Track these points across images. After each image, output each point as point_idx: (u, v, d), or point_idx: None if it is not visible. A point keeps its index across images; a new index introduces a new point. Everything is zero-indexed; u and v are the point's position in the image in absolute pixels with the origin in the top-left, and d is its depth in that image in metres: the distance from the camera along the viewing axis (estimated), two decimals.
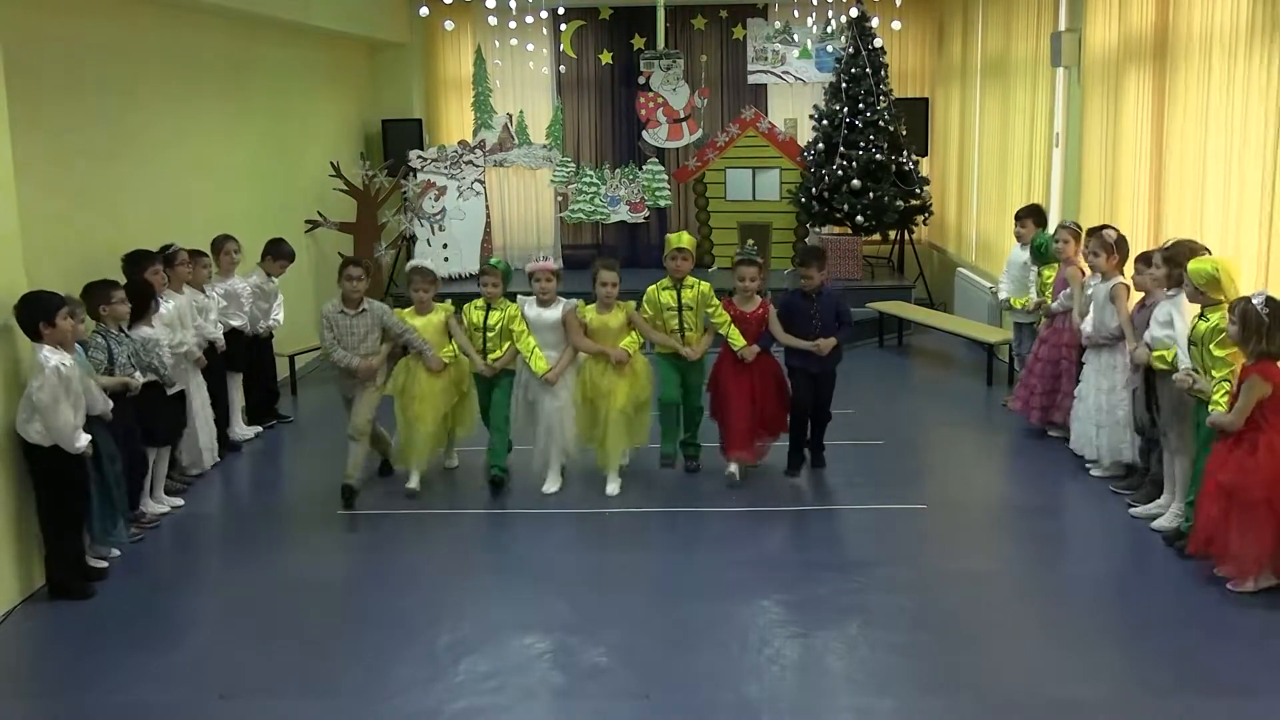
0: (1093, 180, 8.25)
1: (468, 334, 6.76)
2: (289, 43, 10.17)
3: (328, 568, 5.87)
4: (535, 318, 6.69)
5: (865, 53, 11.45)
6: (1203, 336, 5.38)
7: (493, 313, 6.73)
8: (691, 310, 6.70)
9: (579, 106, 13.72)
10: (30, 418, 5.22)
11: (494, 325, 6.70)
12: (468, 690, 4.46)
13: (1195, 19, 6.62)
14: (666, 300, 6.70)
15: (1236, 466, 5.05)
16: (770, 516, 6.34)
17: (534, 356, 6.60)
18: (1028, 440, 7.60)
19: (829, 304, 6.66)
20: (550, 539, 6.13)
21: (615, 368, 6.60)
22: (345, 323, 6.69)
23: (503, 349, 6.71)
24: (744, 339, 6.63)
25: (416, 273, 6.88)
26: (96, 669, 4.70)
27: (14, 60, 5.64)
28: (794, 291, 6.78)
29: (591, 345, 6.65)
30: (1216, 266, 5.40)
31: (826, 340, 6.58)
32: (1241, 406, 5.02)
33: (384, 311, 6.79)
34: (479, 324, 6.72)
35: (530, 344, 6.64)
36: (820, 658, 4.70)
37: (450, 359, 6.77)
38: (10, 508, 5.32)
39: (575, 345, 6.68)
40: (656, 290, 6.76)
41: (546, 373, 6.59)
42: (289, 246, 8.33)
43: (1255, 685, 4.39)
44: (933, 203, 12.02)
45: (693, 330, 6.73)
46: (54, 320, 5.26)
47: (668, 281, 6.73)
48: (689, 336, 6.74)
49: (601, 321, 6.67)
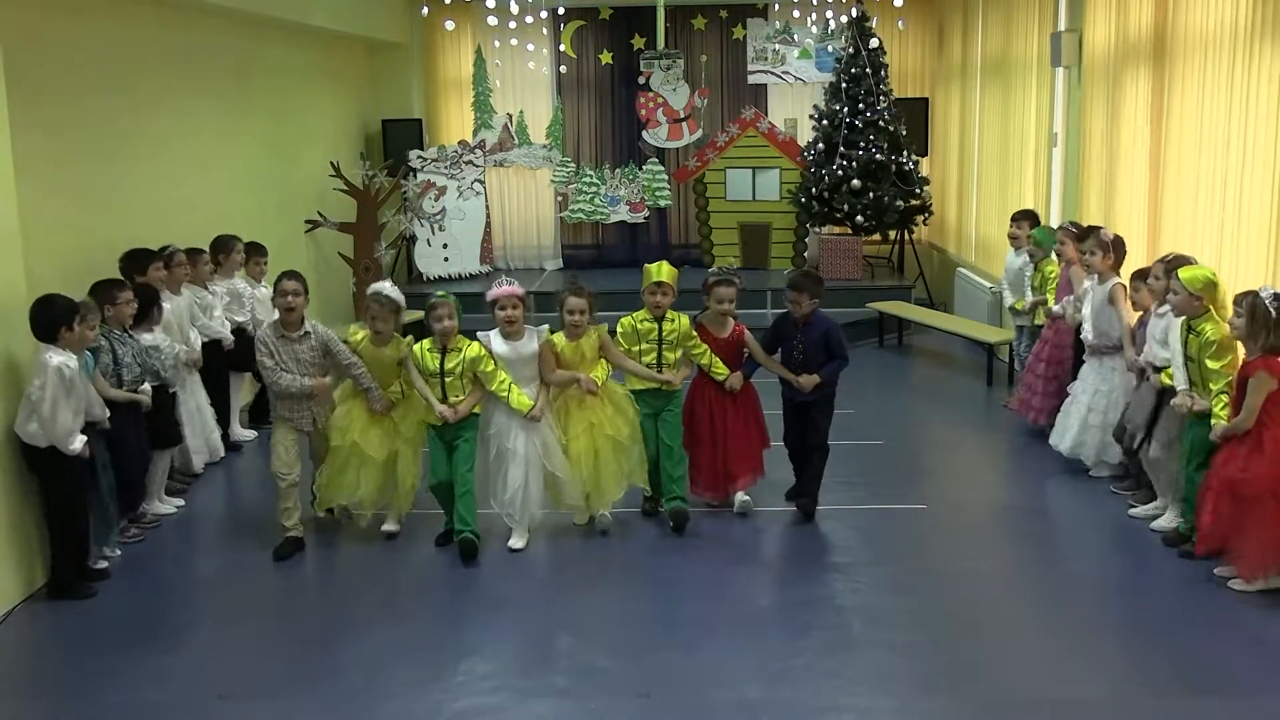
0: (1092, 180, 8.26)
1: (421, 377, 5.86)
2: (289, 43, 10.17)
3: (328, 568, 5.87)
4: (510, 353, 5.83)
5: (865, 53, 11.45)
6: (1197, 351, 5.37)
7: (450, 354, 5.77)
8: (671, 345, 6.08)
9: (579, 106, 13.72)
10: (29, 418, 5.22)
11: (452, 369, 5.75)
12: (468, 690, 4.46)
13: (1195, 19, 6.63)
14: (646, 330, 6.06)
15: (1242, 464, 5.04)
16: (770, 516, 6.34)
17: (513, 393, 5.77)
18: (1028, 440, 7.61)
19: (816, 335, 6.08)
20: (550, 539, 6.12)
21: (589, 397, 5.91)
22: (286, 348, 5.85)
23: (465, 394, 5.82)
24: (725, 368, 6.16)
25: (377, 300, 5.87)
26: (96, 669, 4.70)
27: (14, 60, 5.64)
28: (784, 314, 6.27)
29: (563, 376, 5.90)
30: (1212, 271, 5.40)
31: (808, 377, 6.05)
32: (1251, 405, 5.01)
33: (329, 337, 5.95)
34: (434, 369, 5.76)
35: (506, 381, 5.79)
36: (820, 658, 4.69)
37: (396, 398, 6.01)
38: (11, 508, 5.32)
39: (545, 380, 5.90)
40: (634, 321, 6.13)
41: (530, 409, 5.79)
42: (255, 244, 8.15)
43: (1255, 685, 4.39)
44: (933, 203, 12.02)
45: (671, 367, 6.11)
46: (73, 325, 5.28)
47: (646, 315, 6.10)
48: (666, 373, 6.10)
49: (574, 348, 5.92)
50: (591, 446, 5.94)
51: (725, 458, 6.19)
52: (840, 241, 11.92)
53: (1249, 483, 5.00)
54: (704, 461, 6.23)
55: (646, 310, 6.10)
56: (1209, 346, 5.29)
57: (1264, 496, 4.98)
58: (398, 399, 6.01)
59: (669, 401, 6.13)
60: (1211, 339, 5.28)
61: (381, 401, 5.94)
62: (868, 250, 12.27)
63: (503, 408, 5.84)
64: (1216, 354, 5.28)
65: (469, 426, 5.84)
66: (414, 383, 5.89)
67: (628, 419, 6.00)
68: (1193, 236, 6.60)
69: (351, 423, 5.98)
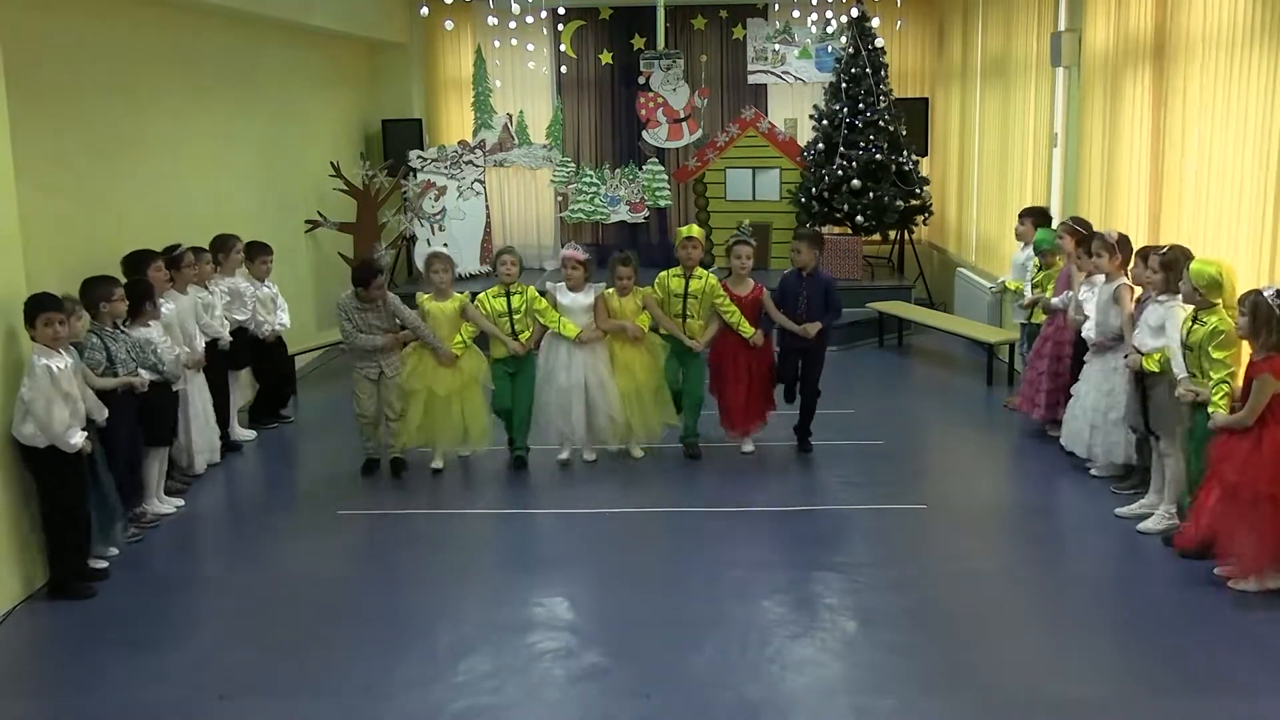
0: (1092, 180, 8.25)
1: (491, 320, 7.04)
2: (289, 43, 10.18)
3: (328, 568, 5.87)
4: (570, 303, 7.11)
5: (865, 53, 11.45)
6: (1200, 341, 5.37)
7: (514, 297, 7.04)
8: (696, 299, 7.10)
9: (579, 106, 13.72)
10: (23, 419, 5.22)
11: (518, 308, 7.04)
12: (468, 690, 4.47)
13: (1194, 19, 6.62)
14: (674, 287, 7.13)
15: (1241, 464, 5.04)
16: (770, 516, 6.34)
17: (563, 325, 7.04)
18: (1028, 440, 7.61)
19: (819, 287, 7.15)
20: (550, 539, 6.13)
21: (633, 343, 7.11)
22: (361, 314, 6.93)
23: (530, 330, 7.07)
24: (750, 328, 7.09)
25: (435, 257, 7.21)
26: (96, 669, 4.71)
27: (14, 60, 5.64)
28: (791, 271, 7.28)
29: (614, 323, 7.11)
30: (1220, 269, 5.39)
31: (812, 325, 7.10)
32: (1254, 404, 5.00)
33: (396, 304, 7.00)
34: (502, 310, 7.03)
35: (556, 316, 7.07)
36: (820, 658, 4.70)
37: (460, 351, 6.98)
38: (11, 508, 5.32)
39: (599, 325, 7.10)
40: (667, 276, 7.22)
41: (578, 334, 7.02)
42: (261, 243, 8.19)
43: (1255, 685, 4.39)
44: (933, 203, 12.02)
45: (695, 318, 7.13)
46: (34, 323, 5.27)
47: (678, 270, 7.17)
48: (690, 324, 7.14)
49: (620, 305, 7.15)
50: (631, 386, 7.14)
51: (749, 400, 7.27)
52: (840, 241, 11.91)
53: (1247, 483, 5.00)
54: (731, 403, 7.28)
55: (679, 266, 7.16)
56: (1215, 335, 5.29)
57: (1261, 498, 4.98)
58: (460, 351, 6.98)
59: (694, 354, 7.18)
60: (1220, 328, 5.28)
61: (446, 354, 6.91)
62: (868, 250, 12.27)
63: (564, 350, 7.09)
64: (1222, 344, 5.28)
65: (528, 362, 7.12)
66: (482, 326, 7.04)
67: (659, 368, 7.19)
68: (1192, 236, 6.60)
69: (423, 372, 6.98)
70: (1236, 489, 5.03)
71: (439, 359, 6.94)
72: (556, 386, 7.10)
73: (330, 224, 10.69)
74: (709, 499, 6.61)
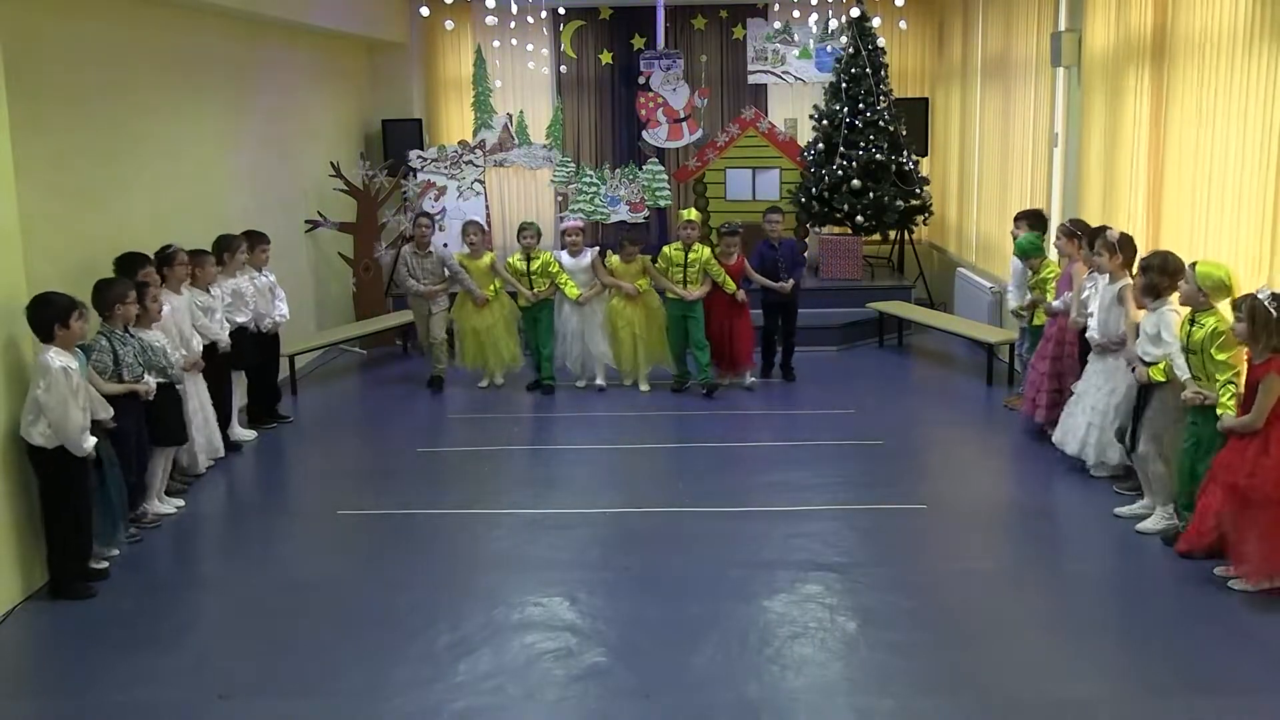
0: (1092, 180, 8.25)
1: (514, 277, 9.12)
2: (289, 43, 10.18)
3: (328, 568, 5.87)
4: (572, 265, 9.13)
5: (865, 53, 11.45)
6: (1201, 343, 5.37)
7: (532, 260, 9.05)
8: (694, 268, 8.94)
9: (579, 106, 13.72)
10: (36, 420, 5.21)
11: (535, 270, 9.06)
12: (468, 690, 4.47)
13: (1195, 19, 6.62)
14: (676, 258, 8.96)
15: (1249, 468, 5.02)
16: (770, 516, 6.34)
17: (567, 285, 9.05)
18: (1028, 440, 7.61)
19: (788, 251, 9.40)
20: (550, 539, 6.13)
21: (630, 299, 9.01)
22: (417, 262, 9.34)
23: (544, 285, 9.07)
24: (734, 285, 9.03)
25: (470, 224, 9.45)
26: (96, 669, 4.71)
27: (14, 60, 5.64)
28: (763, 242, 9.37)
29: (612, 280, 9.08)
30: (1227, 273, 5.38)
31: (788, 282, 9.24)
32: (1261, 406, 5.00)
33: (445, 256, 9.37)
34: (523, 270, 9.08)
35: (564, 277, 9.07)
36: (820, 658, 4.70)
37: (492, 295, 9.17)
38: (12, 508, 5.32)
39: (601, 281, 9.09)
40: (670, 249, 9.07)
41: (579, 296, 9.01)
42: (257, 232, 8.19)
43: (1255, 685, 4.38)
44: (933, 203, 12.00)
45: (693, 283, 8.96)
46: (68, 322, 5.29)
47: (679, 244, 9.01)
48: (690, 288, 8.96)
49: (624, 269, 9.09)
50: (630, 335, 9.09)
51: (733, 347, 9.15)
52: (840, 241, 11.91)
53: (1255, 487, 4.99)
54: (719, 350, 9.13)
55: (679, 242, 9.00)
56: (1215, 337, 5.29)
57: (1270, 501, 4.97)
58: (492, 296, 9.20)
59: (691, 309, 8.97)
60: (1220, 329, 5.27)
61: (480, 296, 9.16)
62: (868, 250, 12.27)
63: (566, 307, 9.17)
64: (1223, 346, 5.28)
65: (546, 308, 9.19)
66: (506, 279, 9.18)
67: (657, 322, 9.13)
68: (1192, 236, 6.60)
69: (467, 313, 9.28)
70: (1246, 492, 5.02)
71: (475, 301, 9.13)
72: (562, 335, 9.20)
73: (330, 224, 10.69)
74: (709, 499, 6.61)
